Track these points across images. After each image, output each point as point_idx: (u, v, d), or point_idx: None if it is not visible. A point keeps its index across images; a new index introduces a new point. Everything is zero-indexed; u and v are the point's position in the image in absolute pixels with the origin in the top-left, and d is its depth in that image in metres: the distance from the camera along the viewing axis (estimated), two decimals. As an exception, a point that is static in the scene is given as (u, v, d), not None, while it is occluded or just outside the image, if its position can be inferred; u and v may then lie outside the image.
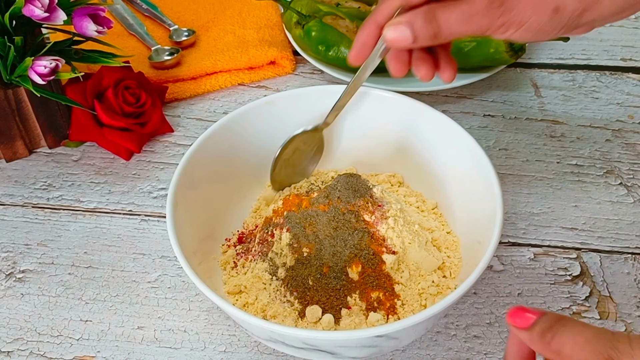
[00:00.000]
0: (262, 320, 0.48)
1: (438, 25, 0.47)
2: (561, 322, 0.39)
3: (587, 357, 0.37)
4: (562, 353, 0.38)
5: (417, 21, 0.47)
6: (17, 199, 0.70)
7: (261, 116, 0.64)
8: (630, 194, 0.68)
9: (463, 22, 0.47)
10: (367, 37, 0.52)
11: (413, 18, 0.48)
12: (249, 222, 0.63)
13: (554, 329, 0.39)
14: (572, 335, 0.38)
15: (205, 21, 0.89)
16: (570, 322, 0.39)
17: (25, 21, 0.64)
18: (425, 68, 0.53)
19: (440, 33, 0.48)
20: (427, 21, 0.47)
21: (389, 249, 0.54)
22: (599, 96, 0.79)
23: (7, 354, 0.57)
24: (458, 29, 0.47)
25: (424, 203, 0.63)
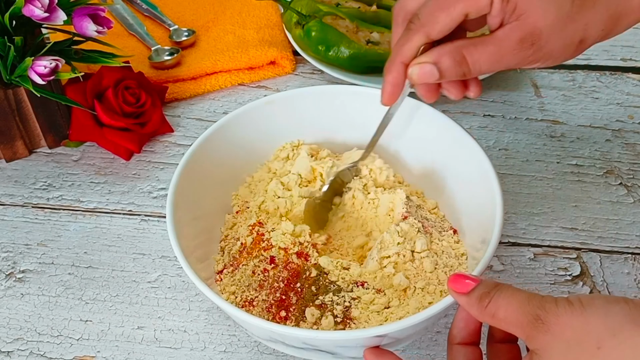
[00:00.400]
0: (262, 320, 0.48)
1: (467, 65, 0.48)
2: (497, 288, 0.41)
3: (518, 317, 0.40)
4: (496, 316, 0.41)
5: (445, 61, 0.48)
6: (17, 199, 0.70)
7: (261, 116, 0.64)
8: (630, 194, 0.68)
9: (493, 62, 0.48)
10: (396, 78, 0.51)
11: (440, 58, 0.48)
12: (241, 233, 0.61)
13: (490, 294, 0.41)
14: (506, 299, 0.40)
15: (205, 21, 0.89)
16: (505, 287, 0.41)
17: (25, 21, 0.64)
18: (455, 90, 0.53)
19: (469, 73, 0.48)
20: (455, 62, 0.48)
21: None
22: (599, 96, 0.79)
23: (7, 354, 0.57)
24: (488, 69, 0.48)
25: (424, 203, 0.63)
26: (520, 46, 0.47)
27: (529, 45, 0.47)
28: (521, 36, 0.47)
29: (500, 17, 0.47)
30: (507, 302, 0.40)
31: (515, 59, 0.48)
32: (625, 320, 0.37)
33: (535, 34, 0.47)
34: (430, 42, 0.49)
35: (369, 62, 0.78)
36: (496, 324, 0.41)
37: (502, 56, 0.47)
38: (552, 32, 0.47)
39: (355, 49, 0.77)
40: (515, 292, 0.40)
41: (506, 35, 0.47)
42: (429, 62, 0.48)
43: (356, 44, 0.77)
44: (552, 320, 0.38)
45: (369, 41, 0.79)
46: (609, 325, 0.37)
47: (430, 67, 0.48)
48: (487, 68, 0.48)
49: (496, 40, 0.47)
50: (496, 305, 0.41)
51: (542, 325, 0.38)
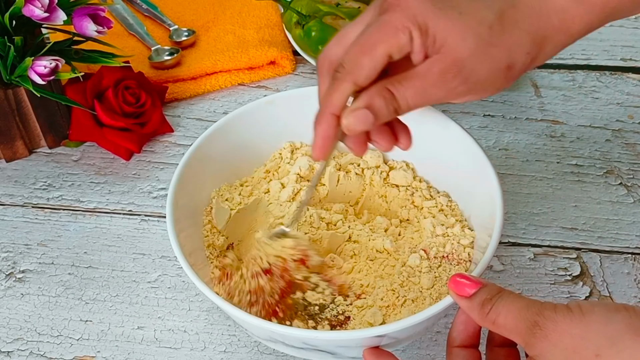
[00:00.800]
0: (262, 320, 0.48)
1: (397, 102, 0.46)
2: (499, 294, 0.41)
3: (517, 324, 0.39)
4: (496, 323, 0.41)
5: (376, 103, 0.46)
6: (17, 199, 0.70)
7: (261, 116, 0.64)
8: (630, 194, 0.68)
9: (419, 96, 0.46)
10: (327, 130, 0.48)
11: (371, 100, 0.46)
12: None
13: (492, 301, 0.41)
14: (506, 306, 0.40)
15: (205, 21, 0.89)
16: (506, 294, 0.41)
17: (25, 21, 0.64)
18: (385, 141, 0.51)
19: (400, 109, 0.46)
20: (385, 101, 0.46)
21: None
22: (599, 96, 0.79)
23: (7, 354, 0.57)
24: (415, 103, 0.46)
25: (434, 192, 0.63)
26: (444, 78, 0.45)
27: (452, 76, 0.45)
28: (442, 68, 0.45)
29: (422, 52, 0.46)
30: (506, 309, 0.40)
31: (441, 92, 0.46)
32: (625, 329, 0.36)
33: (457, 64, 0.45)
34: (358, 89, 0.47)
35: (369, 62, 0.78)
36: (497, 330, 0.41)
37: (426, 89, 0.46)
38: (475, 61, 0.45)
39: (355, 49, 0.77)
40: (515, 299, 0.40)
41: (428, 69, 0.45)
42: (362, 107, 0.46)
43: (356, 44, 0.77)
44: (550, 327, 0.38)
45: (369, 41, 0.79)
46: (608, 334, 0.36)
47: (364, 112, 0.46)
48: (414, 102, 0.46)
49: (420, 74, 0.46)
50: (497, 312, 0.41)
51: (540, 332, 0.38)
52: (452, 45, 0.45)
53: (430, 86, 0.46)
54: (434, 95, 0.46)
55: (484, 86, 0.47)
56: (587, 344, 0.37)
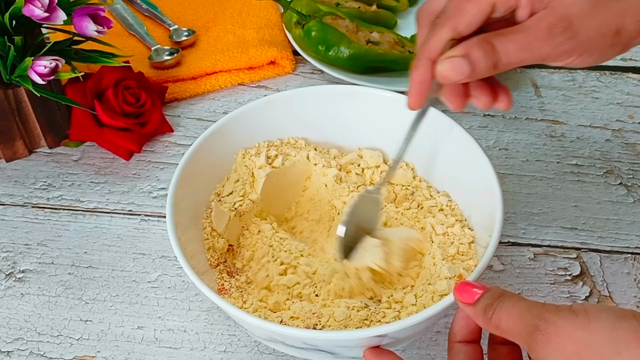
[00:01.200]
0: (262, 320, 0.48)
1: (497, 55, 0.45)
2: (500, 298, 0.40)
3: (519, 328, 0.39)
4: (500, 327, 0.40)
5: (474, 53, 0.45)
6: (17, 199, 0.70)
7: (261, 116, 0.64)
8: (630, 194, 0.68)
9: (522, 50, 0.45)
10: (423, 75, 0.47)
11: (469, 50, 0.45)
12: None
13: (494, 305, 0.40)
14: (508, 310, 0.39)
15: (205, 21, 0.89)
16: (508, 297, 0.40)
17: (25, 21, 0.64)
18: (485, 97, 0.50)
19: (499, 63, 0.45)
20: (485, 52, 0.45)
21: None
22: (599, 96, 0.79)
23: (7, 354, 0.57)
24: (518, 58, 0.45)
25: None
26: (550, 32, 0.44)
27: (560, 31, 0.44)
28: (550, 22, 0.44)
29: (528, 8, 0.45)
30: (508, 313, 0.39)
31: (546, 47, 0.44)
32: (632, 338, 0.35)
33: (565, 19, 0.44)
34: (458, 37, 0.46)
35: (369, 62, 0.78)
36: (501, 334, 0.40)
37: (531, 43, 0.44)
38: (585, 19, 0.44)
39: (355, 49, 0.77)
40: (516, 302, 0.39)
41: (535, 22, 0.44)
42: (459, 56, 0.45)
43: (356, 44, 0.77)
44: (552, 331, 0.37)
45: (369, 41, 0.79)
46: (614, 341, 0.35)
47: (460, 61, 0.44)
48: (517, 57, 0.45)
49: (525, 28, 0.45)
50: (499, 316, 0.40)
51: (542, 336, 0.37)
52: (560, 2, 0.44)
53: (536, 40, 0.44)
54: (538, 50, 0.45)
55: (589, 48, 0.45)
56: (591, 350, 0.35)
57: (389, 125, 0.64)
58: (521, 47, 0.45)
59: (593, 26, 0.45)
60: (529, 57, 0.45)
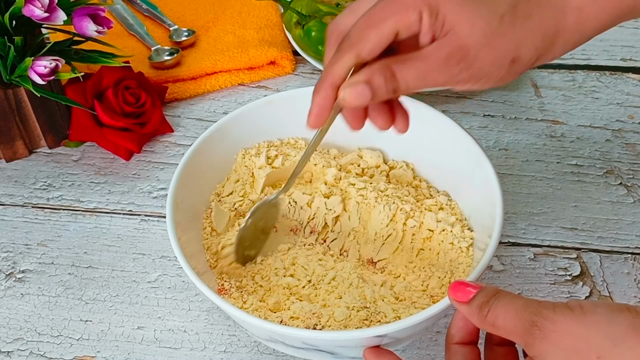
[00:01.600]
0: (262, 320, 0.48)
1: (396, 81, 0.46)
2: (496, 296, 0.40)
3: (515, 325, 0.39)
4: (495, 325, 0.40)
5: (375, 79, 0.46)
6: (17, 199, 0.70)
7: (261, 116, 0.64)
8: (630, 194, 0.68)
9: (420, 79, 0.46)
10: (324, 100, 0.48)
11: (371, 76, 0.46)
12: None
13: (489, 303, 0.40)
14: (504, 307, 0.40)
15: (205, 21, 0.89)
16: (503, 294, 0.40)
17: (25, 21, 0.64)
18: (382, 118, 0.51)
19: (399, 89, 0.46)
20: (385, 79, 0.45)
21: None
22: (599, 96, 0.79)
23: (7, 354, 0.57)
24: (415, 85, 0.46)
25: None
26: (447, 63, 0.45)
27: (456, 62, 0.45)
28: (448, 52, 0.45)
29: (430, 34, 0.45)
30: (504, 310, 0.40)
31: (443, 76, 0.46)
32: (628, 330, 0.36)
33: (462, 50, 0.45)
34: (360, 62, 0.47)
35: (369, 62, 0.78)
36: (497, 332, 0.40)
37: (428, 72, 0.45)
38: (481, 49, 0.45)
39: (355, 49, 0.77)
40: (512, 299, 0.40)
41: (433, 51, 0.45)
42: (361, 82, 0.46)
43: (356, 44, 0.77)
44: (549, 327, 0.37)
45: (369, 41, 0.79)
46: (610, 335, 0.36)
47: (363, 87, 0.46)
48: (414, 84, 0.46)
49: (423, 56, 0.45)
50: (495, 314, 0.40)
51: (539, 332, 0.37)
52: (460, 30, 0.45)
53: (433, 69, 0.45)
54: (435, 79, 0.46)
55: (486, 76, 0.46)
56: (588, 344, 0.36)
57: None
58: (419, 75, 0.46)
59: (489, 56, 0.45)
60: (426, 85, 0.46)
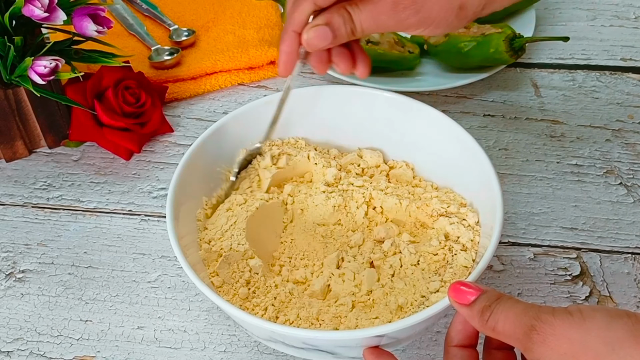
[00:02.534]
0: (262, 320, 0.48)
1: (353, 23, 0.50)
2: (498, 300, 0.41)
3: (515, 329, 0.39)
4: (496, 329, 0.40)
5: (335, 21, 0.50)
6: (17, 199, 0.70)
7: (261, 116, 0.64)
8: (630, 194, 0.68)
9: (372, 21, 0.50)
10: (290, 46, 0.53)
11: (330, 18, 0.51)
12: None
13: (491, 307, 0.40)
14: (504, 312, 0.40)
15: (205, 21, 0.89)
16: (505, 299, 0.40)
17: (25, 21, 0.64)
18: (344, 63, 0.55)
19: (355, 30, 0.51)
20: (343, 20, 0.50)
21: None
22: (599, 96, 0.79)
23: (7, 354, 0.57)
24: (369, 28, 0.50)
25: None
26: (395, 8, 0.49)
27: (404, 7, 0.49)
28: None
29: None
30: (504, 315, 0.40)
31: (392, 21, 0.50)
32: (626, 336, 0.35)
33: None
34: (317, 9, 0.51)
35: (369, 62, 0.78)
36: (496, 336, 0.40)
37: (379, 16, 0.50)
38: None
39: (355, 49, 0.77)
40: (513, 304, 0.40)
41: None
42: (321, 24, 0.50)
43: (356, 44, 0.77)
44: (548, 331, 0.37)
45: (368, 41, 0.79)
46: (608, 340, 0.36)
47: (324, 29, 0.50)
48: (368, 27, 0.50)
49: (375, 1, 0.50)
50: (495, 319, 0.40)
51: (538, 336, 0.37)
52: None
53: (382, 14, 0.50)
54: (384, 22, 0.50)
55: (435, 22, 0.50)
56: (586, 349, 0.36)
57: (388, 125, 0.64)
58: (371, 18, 0.50)
59: (437, 3, 0.49)
60: (378, 28, 0.51)
